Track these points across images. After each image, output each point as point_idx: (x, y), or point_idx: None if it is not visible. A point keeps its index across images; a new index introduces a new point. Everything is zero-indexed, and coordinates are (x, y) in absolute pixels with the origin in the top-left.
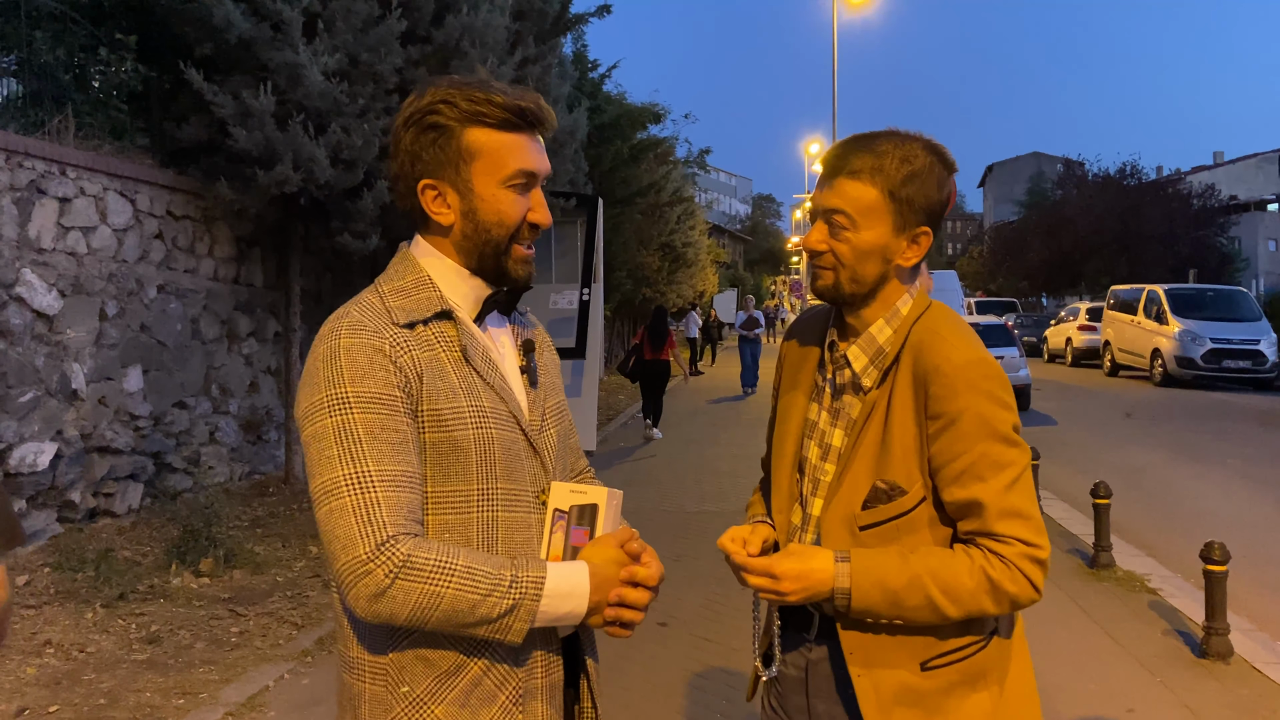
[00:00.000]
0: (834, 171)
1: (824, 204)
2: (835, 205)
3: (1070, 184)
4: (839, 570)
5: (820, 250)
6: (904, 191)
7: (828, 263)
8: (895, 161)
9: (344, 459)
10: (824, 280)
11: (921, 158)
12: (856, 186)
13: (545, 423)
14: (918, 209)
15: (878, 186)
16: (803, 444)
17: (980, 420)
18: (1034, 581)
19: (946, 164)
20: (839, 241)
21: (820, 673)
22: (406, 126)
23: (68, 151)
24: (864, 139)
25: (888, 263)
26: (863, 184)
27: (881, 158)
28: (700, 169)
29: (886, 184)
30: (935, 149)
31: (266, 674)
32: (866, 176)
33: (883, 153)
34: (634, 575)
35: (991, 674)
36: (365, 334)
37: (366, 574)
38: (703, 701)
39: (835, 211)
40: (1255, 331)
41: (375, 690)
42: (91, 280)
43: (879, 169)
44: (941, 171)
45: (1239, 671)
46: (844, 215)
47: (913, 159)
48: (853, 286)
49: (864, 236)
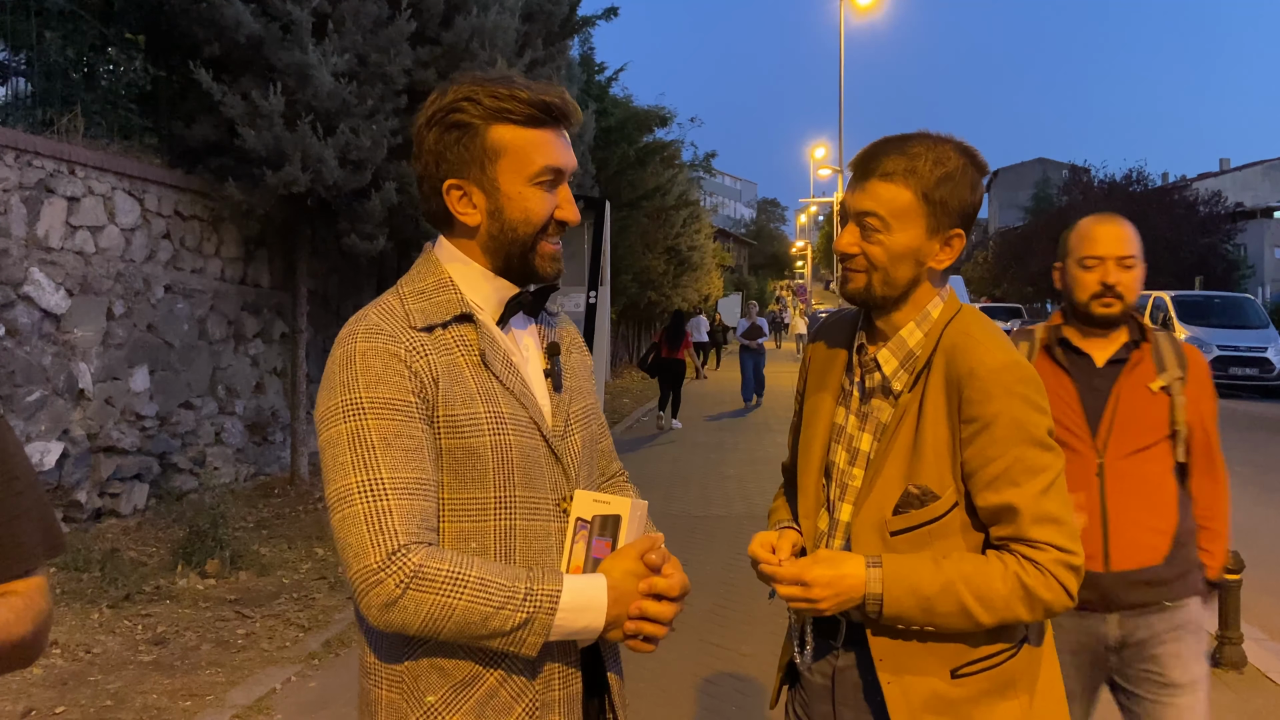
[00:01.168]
0: (866, 173)
1: (856, 206)
2: (868, 207)
3: (1076, 190)
4: (871, 575)
5: (852, 253)
6: (938, 194)
7: (859, 265)
8: (929, 163)
9: (357, 466)
10: (855, 283)
11: (955, 159)
12: (889, 188)
13: (569, 428)
14: (951, 211)
15: (911, 188)
16: (830, 448)
17: (1015, 424)
18: (1068, 588)
19: (979, 166)
20: (871, 244)
21: (848, 680)
22: (429, 126)
23: (76, 150)
24: (896, 140)
25: (920, 265)
26: (896, 186)
27: (915, 159)
28: (706, 173)
29: (920, 186)
30: (968, 151)
31: (273, 676)
32: (900, 178)
33: (916, 154)
34: (654, 587)
35: (1021, 682)
36: (381, 338)
37: (378, 583)
38: (712, 707)
39: (868, 214)
40: (1262, 339)
41: (391, 697)
42: (99, 280)
43: (912, 171)
44: (974, 174)
45: (1252, 681)
46: (877, 218)
47: (946, 161)
48: (885, 289)
49: (897, 239)
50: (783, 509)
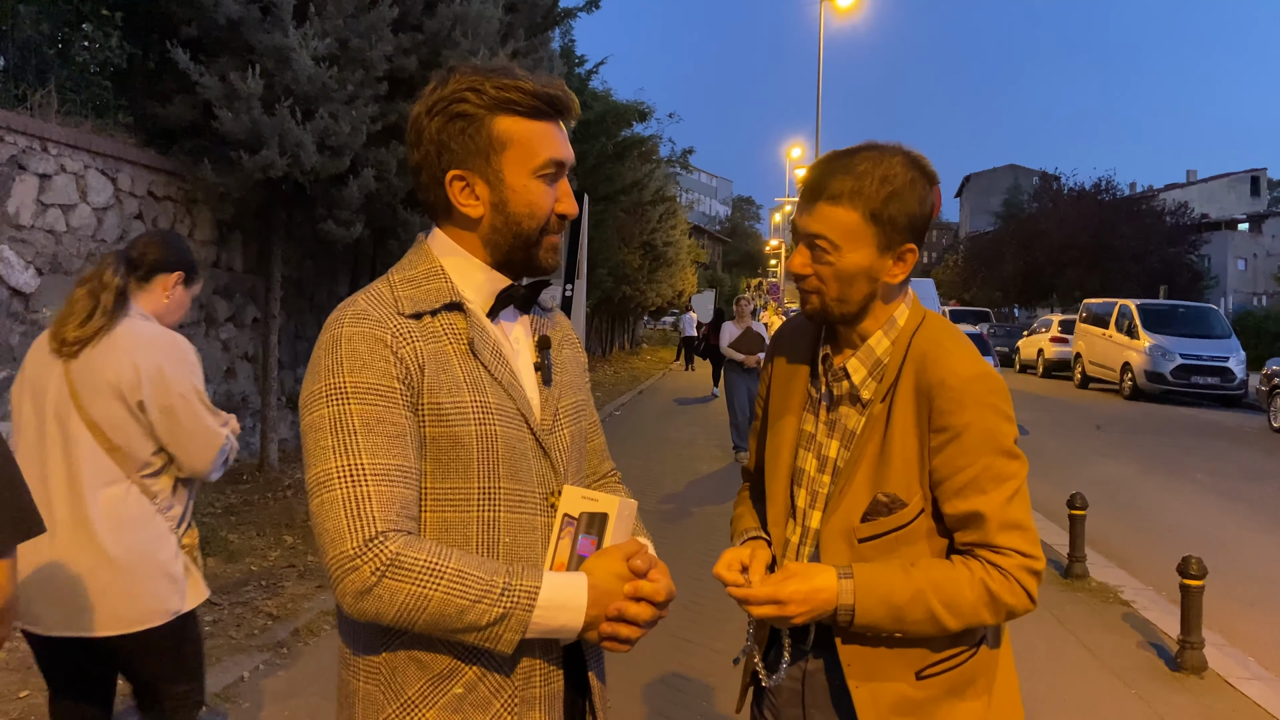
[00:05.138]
0: (813, 196)
1: (805, 229)
2: (816, 230)
3: (1046, 197)
4: (843, 587)
5: (805, 274)
6: (886, 212)
7: (812, 286)
8: (875, 182)
9: (338, 451)
10: (812, 304)
11: (901, 174)
12: (836, 211)
13: (558, 422)
14: (901, 227)
15: (858, 210)
16: (798, 455)
17: (985, 434)
18: (1030, 593)
19: (928, 176)
20: (822, 265)
21: (817, 684)
22: (431, 115)
23: (49, 128)
24: (842, 158)
25: (874, 282)
26: (843, 208)
27: (861, 179)
28: (683, 169)
29: (867, 206)
30: (916, 162)
31: (241, 665)
32: (846, 200)
33: (862, 174)
34: (639, 590)
35: (980, 681)
36: (368, 323)
37: (353, 570)
38: (683, 703)
39: (817, 237)
40: (1224, 349)
41: (369, 689)
42: (70, 259)
43: (858, 192)
44: (923, 185)
45: (1212, 685)
46: (826, 240)
47: (892, 177)
48: (841, 308)
49: (848, 259)
50: (747, 516)
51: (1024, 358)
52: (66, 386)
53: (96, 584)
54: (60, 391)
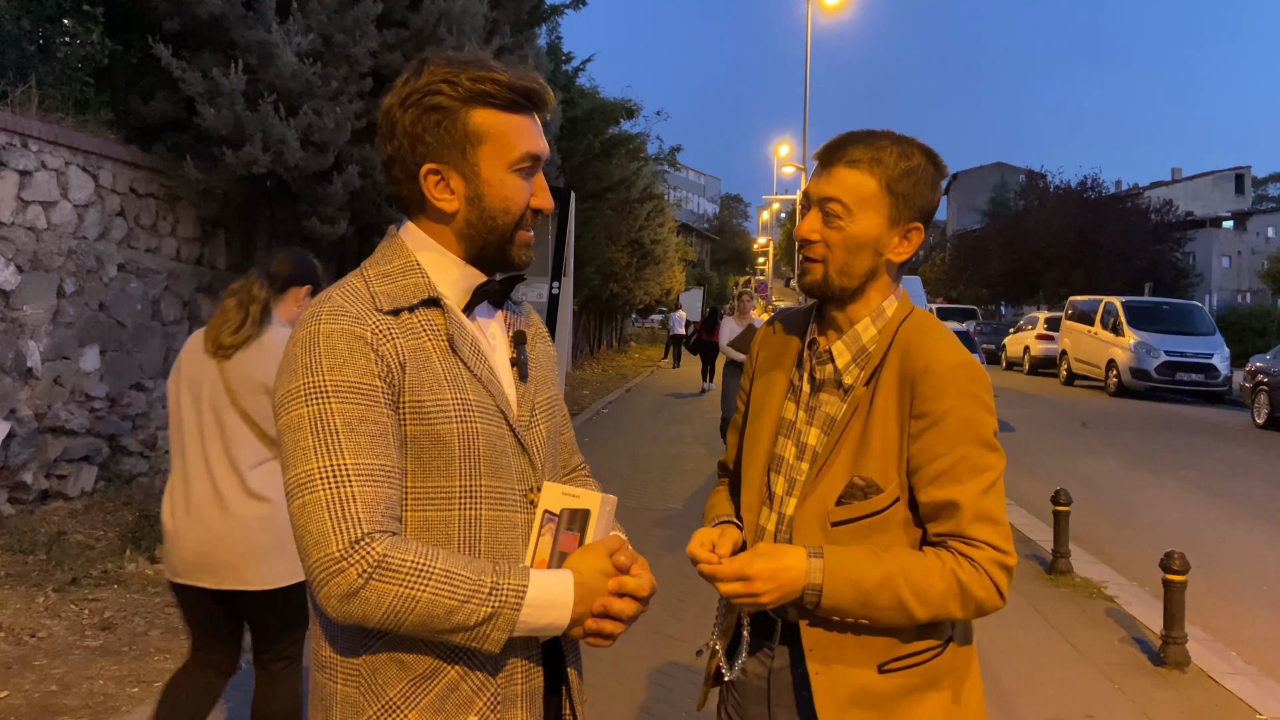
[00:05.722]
0: (832, 160)
1: (820, 192)
2: (832, 193)
3: (1032, 195)
4: (812, 566)
5: (813, 239)
6: (900, 186)
7: (818, 254)
8: (894, 155)
9: (319, 451)
10: (813, 275)
11: (918, 157)
12: (855, 175)
13: (535, 418)
14: (913, 205)
15: (876, 177)
16: (777, 442)
17: (965, 422)
18: (1000, 588)
19: (939, 168)
20: (832, 230)
21: (782, 681)
22: (404, 107)
23: (30, 123)
24: (863, 133)
25: (879, 256)
26: (861, 173)
27: (881, 151)
28: (671, 166)
29: (885, 176)
30: (930, 153)
31: None
32: (865, 166)
33: (882, 146)
34: (623, 586)
35: (945, 680)
36: (346, 320)
37: (339, 573)
38: (666, 700)
39: (831, 200)
40: (1209, 346)
41: (347, 691)
42: (50, 256)
43: (878, 160)
44: (935, 174)
45: (1196, 680)
46: (839, 204)
47: (910, 156)
48: (842, 280)
49: (859, 226)
50: (722, 503)
51: (1010, 355)
52: (221, 383)
53: (256, 545)
54: (215, 387)
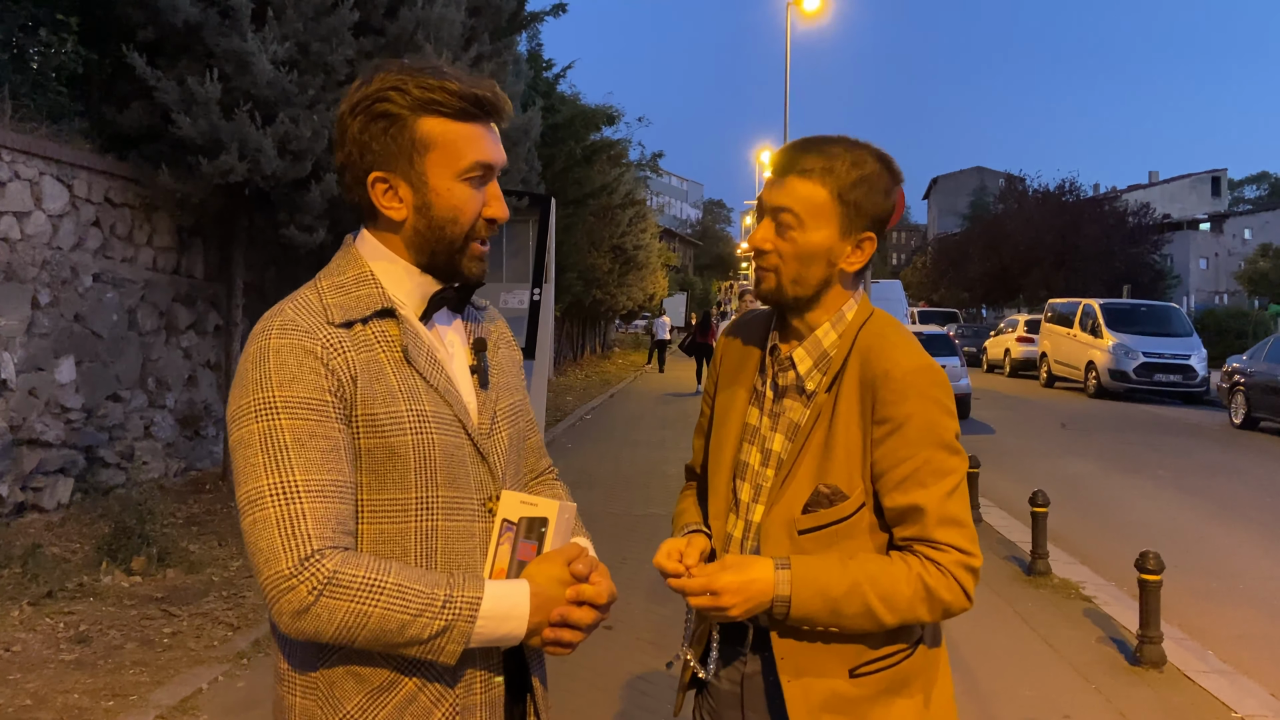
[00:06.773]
0: (785, 170)
1: (773, 202)
2: (784, 203)
3: (1011, 198)
4: (779, 578)
5: (765, 249)
6: (852, 195)
7: (770, 263)
8: (846, 164)
9: (269, 467)
10: (767, 283)
11: (871, 164)
12: (806, 185)
13: (496, 425)
14: (865, 214)
15: (828, 187)
16: (741, 448)
17: (927, 426)
18: (966, 590)
19: (893, 174)
20: (784, 240)
21: (755, 686)
22: (354, 114)
23: (3, 134)
24: (816, 141)
25: (832, 266)
26: (813, 183)
27: (833, 159)
28: (652, 172)
29: (836, 185)
30: (883, 158)
31: (200, 676)
32: (817, 176)
33: (834, 155)
34: (581, 595)
35: (916, 682)
36: (297, 334)
37: (289, 589)
38: (647, 706)
39: (783, 210)
40: (1186, 347)
41: (305, 705)
42: (24, 267)
43: (830, 170)
44: (888, 180)
45: (1172, 679)
46: (791, 214)
47: (863, 164)
48: (795, 289)
49: (810, 237)
50: (690, 510)
51: (991, 358)
52: None
53: None
54: None
